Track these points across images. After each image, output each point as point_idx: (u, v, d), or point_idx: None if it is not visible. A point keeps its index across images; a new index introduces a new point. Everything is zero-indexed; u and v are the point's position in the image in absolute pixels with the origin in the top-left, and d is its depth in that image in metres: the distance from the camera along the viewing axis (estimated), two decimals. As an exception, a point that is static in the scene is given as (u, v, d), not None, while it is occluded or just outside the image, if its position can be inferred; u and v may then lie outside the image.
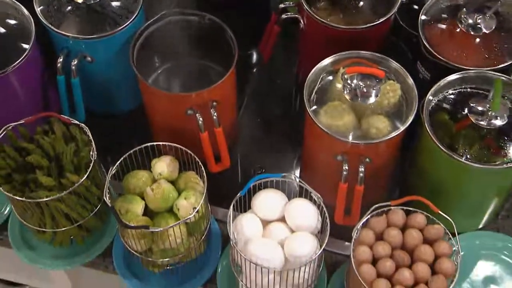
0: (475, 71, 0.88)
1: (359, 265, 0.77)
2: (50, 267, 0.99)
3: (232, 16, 1.03)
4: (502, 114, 0.84)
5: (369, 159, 0.87)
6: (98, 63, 1.00)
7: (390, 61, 0.90)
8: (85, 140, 0.90)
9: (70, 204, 0.88)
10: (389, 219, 0.80)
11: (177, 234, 0.85)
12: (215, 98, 0.93)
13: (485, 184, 0.87)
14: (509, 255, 0.94)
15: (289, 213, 0.84)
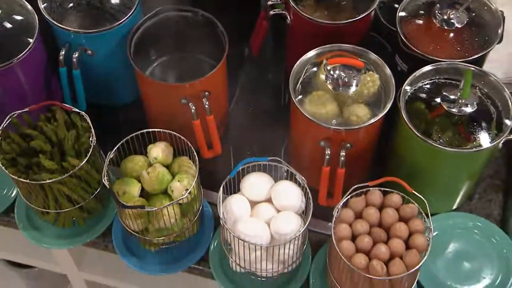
0: (448, 62, 0.90)
1: (339, 241, 0.78)
2: (53, 246, 1.00)
3: (226, 13, 1.05)
4: (472, 102, 0.86)
5: (350, 144, 0.88)
6: (98, 56, 1.01)
7: (369, 53, 0.92)
8: (85, 127, 0.91)
9: (71, 187, 0.90)
10: (368, 199, 0.82)
11: (171, 214, 0.86)
12: (207, 88, 0.94)
13: (457, 167, 0.89)
14: (479, 234, 0.96)
15: (275, 194, 0.86)
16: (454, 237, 0.96)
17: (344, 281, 0.82)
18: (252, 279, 0.93)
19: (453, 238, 0.96)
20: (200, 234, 0.98)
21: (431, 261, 0.94)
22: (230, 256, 0.90)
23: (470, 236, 0.96)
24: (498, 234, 0.95)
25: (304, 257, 0.94)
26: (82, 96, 1.03)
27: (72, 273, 1.44)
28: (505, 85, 1.10)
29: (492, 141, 0.84)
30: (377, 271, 0.76)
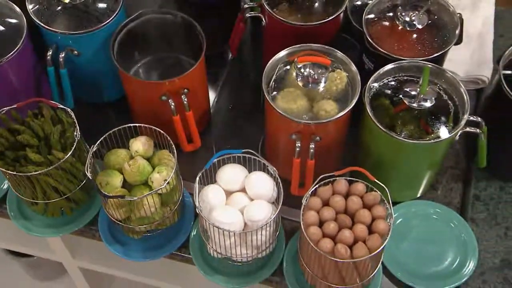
0: (409, 61, 0.89)
1: (307, 227, 0.78)
2: (43, 234, 0.99)
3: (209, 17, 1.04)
4: (431, 97, 0.86)
5: (319, 138, 0.88)
6: (84, 57, 1.00)
7: (336, 52, 0.91)
8: (70, 122, 0.90)
9: (57, 178, 0.89)
10: (334, 188, 0.81)
11: (150, 203, 0.85)
12: (186, 86, 0.93)
13: (418, 157, 0.89)
14: (439, 219, 0.96)
15: (248, 184, 0.85)
16: (416, 223, 0.96)
17: (313, 264, 0.82)
18: (229, 264, 0.93)
19: (416, 224, 0.96)
20: (181, 222, 0.97)
21: (395, 246, 0.94)
22: (208, 243, 0.89)
23: (431, 222, 0.96)
24: (457, 219, 0.95)
25: (278, 243, 0.94)
26: (69, 94, 1.02)
27: (67, 261, 1.43)
28: (465, 83, 1.11)
29: (449, 133, 0.84)
30: (341, 254, 0.75)
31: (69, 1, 0.97)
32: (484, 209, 0.99)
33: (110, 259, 1.35)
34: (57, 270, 1.78)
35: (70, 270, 1.50)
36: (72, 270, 1.50)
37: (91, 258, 1.39)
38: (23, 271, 1.80)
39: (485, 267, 0.93)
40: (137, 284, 1.62)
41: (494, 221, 0.98)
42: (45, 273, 1.82)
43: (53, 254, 1.41)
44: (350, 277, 0.80)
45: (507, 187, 1.01)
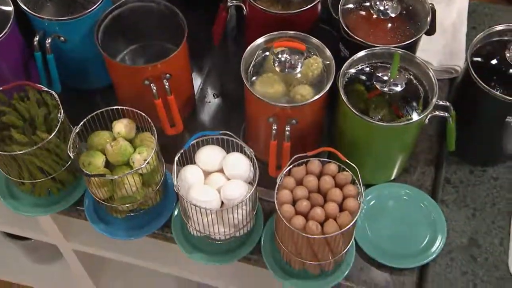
0: (381, 47, 0.88)
1: (280, 205, 0.77)
2: (30, 214, 0.98)
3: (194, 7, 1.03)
4: (401, 82, 0.85)
5: (295, 121, 0.87)
6: (71, 43, 0.98)
7: (311, 39, 0.90)
8: (55, 105, 0.88)
9: (42, 159, 0.87)
10: (308, 168, 0.80)
11: (131, 183, 0.84)
12: (168, 71, 0.92)
13: (389, 140, 0.88)
14: (410, 201, 0.95)
15: (226, 164, 0.84)
16: (389, 205, 0.95)
17: (287, 241, 0.81)
18: (209, 242, 0.91)
19: (389, 205, 0.95)
20: (163, 203, 0.96)
21: (368, 226, 0.93)
22: (188, 222, 0.87)
23: (403, 203, 0.95)
24: (427, 200, 0.94)
25: (257, 223, 0.92)
26: (56, 79, 1.00)
27: (61, 244, 1.42)
28: (439, 72, 1.10)
29: (418, 116, 0.83)
30: (312, 230, 0.74)
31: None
32: (454, 191, 0.98)
33: (103, 242, 1.33)
34: (54, 254, 1.77)
35: (65, 252, 1.49)
36: (66, 252, 1.49)
37: (84, 240, 1.37)
38: (22, 254, 1.79)
39: (453, 245, 0.92)
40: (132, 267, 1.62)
41: (463, 203, 0.97)
42: (43, 256, 1.80)
43: (47, 236, 1.39)
44: (322, 253, 0.79)
45: (476, 170, 1.00)
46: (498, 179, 0.99)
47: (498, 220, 0.95)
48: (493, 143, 0.95)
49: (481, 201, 0.97)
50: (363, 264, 0.91)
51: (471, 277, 0.89)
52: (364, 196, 0.94)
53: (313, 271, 0.86)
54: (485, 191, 0.98)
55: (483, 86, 0.85)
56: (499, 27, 0.90)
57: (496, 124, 0.89)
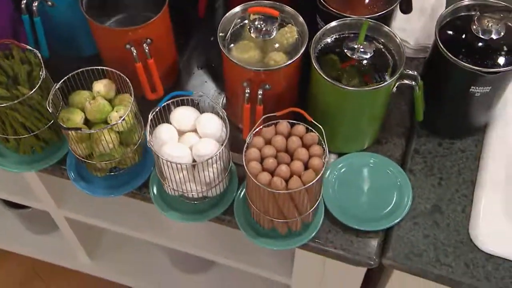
0: (351, 18, 0.87)
1: (248, 162, 0.76)
2: (15, 170, 0.97)
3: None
4: (370, 50, 0.84)
5: (269, 86, 0.86)
6: (58, 7, 0.97)
7: (286, 7, 0.89)
8: (37, 63, 0.87)
9: (24, 115, 0.86)
10: (277, 129, 0.80)
11: (108, 139, 0.83)
12: (148, 35, 0.91)
13: (359, 106, 0.86)
14: (378, 168, 0.94)
15: (199, 124, 0.83)
16: (358, 172, 0.95)
17: (255, 198, 0.80)
18: (185, 202, 0.91)
19: (358, 172, 0.95)
20: (142, 164, 0.95)
21: (338, 192, 0.92)
22: (163, 181, 0.87)
23: (371, 170, 0.95)
24: (393, 166, 0.94)
25: (231, 186, 0.92)
26: (43, 43, 1.00)
27: (53, 211, 1.42)
28: (415, 51, 1.10)
29: (386, 84, 0.82)
30: (277, 185, 0.74)
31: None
32: (422, 161, 0.98)
33: (94, 210, 1.34)
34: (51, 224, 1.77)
35: (57, 220, 1.49)
36: (59, 220, 1.49)
37: (75, 208, 1.37)
38: (19, 223, 1.79)
39: (418, 211, 0.92)
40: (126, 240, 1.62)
41: (430, 172, 0.96)
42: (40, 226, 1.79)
43: (40, 203, 1.39)
44: (288, 210, 0.79)
45: (445, 143, 1.00)
46: (465, 151, 0.99)
47: (462, 189, 0.94)
48: (460, 115, 0.95)
49: (447, 171, 0.96)
50: (331, 227, 0.91)
51: (432, 240, 0.88)
52: (336, 164, 0.94)
53: (281, 230, 0.85)
54: (452, 162, 0.98)
55: (449, 56, 0.84)
56: (466, 1, 0.89)
57: (462, 95, 0.89)
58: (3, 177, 1.40)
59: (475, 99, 0.89)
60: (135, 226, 1.32)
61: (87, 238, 1.60)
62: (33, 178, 1.24)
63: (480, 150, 0.99)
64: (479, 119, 0.97)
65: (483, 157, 0.97)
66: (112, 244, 1.68)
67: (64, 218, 1.46)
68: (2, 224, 1.77)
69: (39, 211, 1.46)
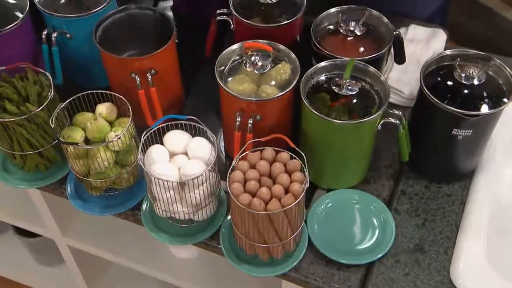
0: (341, 59, 0.90)
1: (231, 183, 0.77)
2: (18, 186, 1.00)
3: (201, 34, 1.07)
4: (355, 87, 0.87)
5: (260, 117, 0.88)
6: (76, 40, 1.03)
7: (279, 45, 0.92)
8: (48, 85, 0.92)
9: (30, 132, 0.90)
10: (262, 154, 0.81)
11: (103, 157, 0.85)
12: (153, 66, 0.95)
13: (346, 140, 0.87)
14: (362, 203, 0.94)
15: (189, 146, 0.85)
16: (344, 207, 0.94)
17: (237, 220, 0.80)
18: (175, 226, 0.91)
19: (343, 208, 0.94)
20: (137, 187, 0.97)
21: (323, 225, 0.92)
22: (153, 201, 0.88)
23: (356, 206, 0.94)
24: (377, 203, 0.93)
25: (219, 212, 0.92)
26: (59, 71, 1.05)
27: (58, 238, 1.42)
28: (409, 100, 1.11)
29: (370, 118, 0.84)
30: (256, 206, 0.74)
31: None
32: (408, 202, 0.97)
33: (97, 240, 1.34)
34: (58, 257, 1.76)
35: (61, 248, 1.49)
36: (62, 248, 1.49)
37: (79, 237, 1.38)
38: (27, 253, 1.79)
39: (400, 249, 0.90)
40: (128, 275, 1.60)
41: (415, 213, 0.95)
42: (47, 258, 1.79)
43: (46, 229, 1.40)
44: (268, 234, 0.78)
45: (432, 186, 0.99)
46: (451, 195, 0.98)
47: (446, 231, 0.93)
48: (445, 159, 0.95)
49: (432, 213, 0.95)
50: (314, 259, 0.89)
51: (412, 279, 0.86)
52: (324, 199, 0.95)
53: (263, 256, 0.84)
54: (438, 204, 0.96)
55: (432, 99, 0.85)
56: (449, 51, 0.91)
57: (445, 137, 0.89)
58: (14, 203, 1.43)
59: (458, 142, 0.89)
60: (137, 260, 1.32)
61: (91, 270, 1.59)
62: (41, 204, 1.25)
63: (466, 195, 0.97)
64: (465, 164, 0.96)
65: (468, 202, 0.96)
66: (115, 278, 1.66)
67: (67, 247, 1.46)
68: (12, 254, 1.78)
69: (47, 241, 1.47)
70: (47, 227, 1.38)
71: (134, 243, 1.33)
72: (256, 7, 1.02)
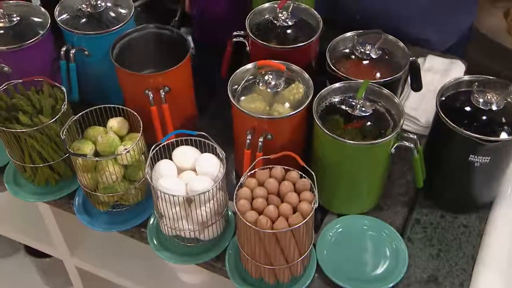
0: (356, 81, 0.88)
1: (238, 200, 0.74)
2: (27, 199, 0.98)
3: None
4: (369, 109, 0.85)
5: (271, 136, 0.86)
6: (94, 57, 1.03)
7: (292, 66, 0.91)
8: (62, 98, 0.91)
9: (42, 144, 0.89)
10: (271, 172, 0.78)
11: (111, 170, 0.84)
12: (167, 83, 0.94)
13: (358, 162, 0.84)
14: (374, 230, 0.90)
15: (197, 162, 0.83)
16: (355, 233, 0.90)
17: (243, 240, 0.77)
18: (180, 244, 0.88)
19: (354, 234, 0.90)
20: (144, 204, 0.94)
21: (333, 251, 0.88)
22: (160, 218, 0.86)
23: (368, 233, 0.90)
24: (388, 229, 0.89)
25: (226, 233, 0.89)
26: (75, 87, 1.05)
27: (66, 258, 1.40)
28: (424, 128, 1.08)
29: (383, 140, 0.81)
30: (262, 224, 0.71)
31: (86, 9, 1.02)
32: (422, 231, 0.92)
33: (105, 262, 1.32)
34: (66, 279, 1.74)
35: (69, 269, 1.47)
36: (70, 269, 1.46)
37: (87, 257, 1.36)
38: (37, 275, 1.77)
39: (412, 279, 0.85)
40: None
41: (429, 242, 0.91)
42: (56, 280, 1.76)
43: (54, 248, 1.38)
44: (274, 255, 0.75)
45: (447, 216, 0.95)
46: (468, 226, 0.93)
47: (462, 263, 0.88)
48: (461, 187, 0.91)
49: (447, 243, 0.90)
50: (322, 285, 0.85)
51: (425, 310, 0.81)
52: (334, 224, 0.91)
53: (269, 279, 0.81)
54: (453, 235, 0.92)
55: (448, 123, 0.82)
56: (467, 77, 0.89)
57: (461, 164, 0.85)
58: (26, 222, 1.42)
59: (475, 170, 0.85)
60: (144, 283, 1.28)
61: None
62: (51, 221, 1.24)
63: (484, 227, 0.93)
64: (482, 193, 0.92)
65: (486, 234, 0.91)
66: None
67: (75, 268, 1.44)
68: (22, 275, 1.76)
69: (56, 263, 1.45)
70: (56, 246, 1.36)
71: (141, 265, 1.31)
72: (272, 30, 1.01)
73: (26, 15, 1.03)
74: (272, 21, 1.01)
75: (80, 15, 1.04)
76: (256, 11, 1.03)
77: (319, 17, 1.01)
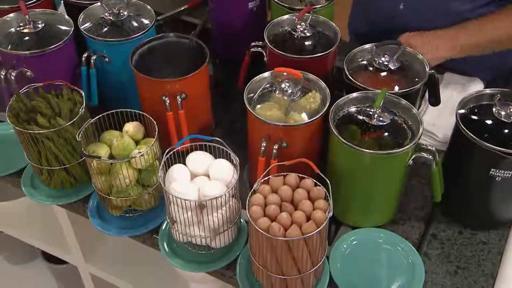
0: (373, 91, 0.85)
1: (251, 206, 0.71)
2: (42, 201, 0.96)
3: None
4: (387, 118, 0.81)
5: (286, 144, 0.83)
6: (114, 64, 1.02)
7: (309, 75, 0.88)
8: (80, 101, 0.90)
9: (58, 146, 0.87)
10: (285, 180, 0.75)
11: (125, 174, 0.81)
12: (184, 90, 0.92)
13: (374, 172, 0.80)
14: (390, 244, 0.86)
15: (211, 168, 0.80)
16: (369, 247, 0.86)
17: (255, 247, 0.73)
18: (192, 252, 0.85)
19: (369, 247, 0.86)
20: (157, 210, 0.91)
21: (347, 264, 0.83)
22: (172, 224, 0.82)
23: (383, 246, 0.85)
24: (403, 243, 0.84)
25: (238, 242, 0.86)
26: (95, 92, 1.03)
27: (81, 265, 1.38)
28: (442, 144, 1.04)
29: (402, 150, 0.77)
30: (274, 231, 0.67)
31: (109, 18, 1.01)
32: (439, 246, 0.87)
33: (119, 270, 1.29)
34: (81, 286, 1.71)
35: (83, 275, 1.44)
36: (84, 276, 1.44)
37: (102, 264, 1.33)
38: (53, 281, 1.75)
39: (430, 296, 0.80)
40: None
41: (447, 259, 0.85)
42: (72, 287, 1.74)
43: (69, 254, 1.36)
44: (286, 264, 0.71)
45: (466, 232, 0.90)
46: (487, 243, 0.88)
47: (481, 281, 0.82)
48: (481, 203, 0.85)
49: (465, 260, 0.85)
50: (336, 300, 0.80)
51: (443, 329, 0.75)
52: (348, 236, 0.87)
53: (280, 290, 0.76)
54: (472, 252, 0.87)
55: (468, 135, 0.78)
56: (488, 90, 0.85)
57: (481, 178, 0.81)
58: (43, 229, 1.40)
59: (496, 184, 0.81)
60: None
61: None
62: (67, 227, 1.22)
63: (504, 245, 0.87)
64: (502, 210, 0.87)
65: (506, 252, 0.85)
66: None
67: (89, 275, 1.41)
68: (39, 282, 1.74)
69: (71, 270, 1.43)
70: (72, 252, 1.34)
71: (153, 274, 1.27)
72: (290, 40, 0.98)
73: (51, 22, 1.02)
74: (290, 32, 0.99)
75: (102, 23, 1.03)
76: (274, 23, 1.01)
77: (337, 29, 0.98)
